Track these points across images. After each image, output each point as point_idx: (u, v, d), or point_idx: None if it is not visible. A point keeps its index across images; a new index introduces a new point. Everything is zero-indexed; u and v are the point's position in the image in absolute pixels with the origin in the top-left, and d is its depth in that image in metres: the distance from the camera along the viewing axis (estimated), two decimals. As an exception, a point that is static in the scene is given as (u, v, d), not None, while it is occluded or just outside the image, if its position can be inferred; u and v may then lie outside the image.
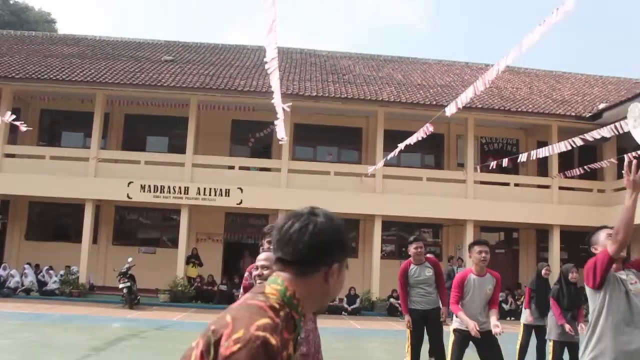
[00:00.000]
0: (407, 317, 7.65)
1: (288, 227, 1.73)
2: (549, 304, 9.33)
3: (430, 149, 23.13)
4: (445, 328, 7.50)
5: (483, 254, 6.09)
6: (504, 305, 19.65)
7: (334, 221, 1.79)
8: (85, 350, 9.30)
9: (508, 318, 18.95)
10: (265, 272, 3.48)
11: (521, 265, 23.26)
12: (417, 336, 7.71)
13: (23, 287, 19.45)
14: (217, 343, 1.57)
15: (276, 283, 1.69)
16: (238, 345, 1.52)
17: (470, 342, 6.14)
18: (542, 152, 15.47)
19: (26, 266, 20.18)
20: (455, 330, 6.29)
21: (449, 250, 22.61)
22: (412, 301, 7.76)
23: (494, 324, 5.97)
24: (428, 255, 8.35)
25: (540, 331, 9.52)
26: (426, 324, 7.72)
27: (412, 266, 7.79)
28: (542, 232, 22.63)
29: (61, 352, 8.96)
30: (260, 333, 1.53)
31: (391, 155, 15.86)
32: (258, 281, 3.61)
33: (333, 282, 1.74)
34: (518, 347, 9.44)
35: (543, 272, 9.64)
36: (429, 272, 7.76)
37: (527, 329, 9.55)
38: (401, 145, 14.82)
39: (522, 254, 23.38)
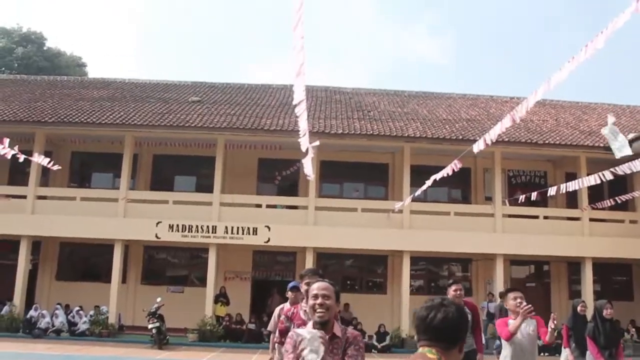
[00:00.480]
0: None
1: (432, 318, 2.49)
2: (584, 342, 9.12)
3: (457, 183, 22.99)
4: None
5: (518, 300, 6.06)
6: (538, 341, 19.17)
7: (459, 308, 2.54)
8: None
9: (542, 354, 18.54)
10: (328, 301, 3.52)
11: (553, 299, 22.80)
12: None
13: (54, 328, 19.59)
14: None
15: (432, 353, 2.46)
16: None
17: None
18: (572, 186, 15.36)
19: (57, 306, 20.37)
20: None
21: (479, 285, 22.29)
22: None
23: None
24: (466, 298, 8.14)
25: None
26: None
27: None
28: (573, 265, 22.21)
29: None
30: None
31: (419, 191, 15.88)
32: (318, 313, 3.59)
33: (462, 351, 2.56)
34: None
35: (579, 308, 9.41)
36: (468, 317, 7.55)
37: None
38: (429, 182, 14.82)
39: (554, 288, 22.94)
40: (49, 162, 15.70)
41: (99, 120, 20.48)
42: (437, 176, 13.55)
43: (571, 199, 22.17)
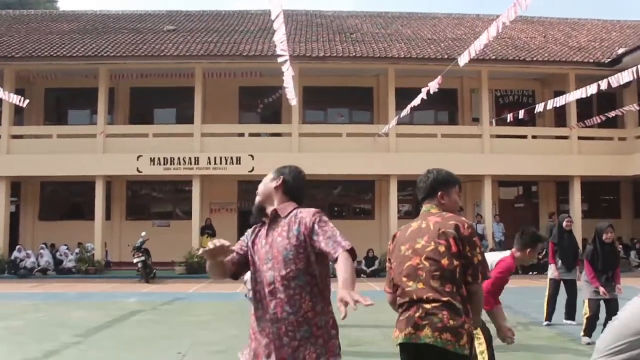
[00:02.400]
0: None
1: (425, 181, 3.46)
2: (575, 256, 8.90)
3: (443, 105, 22.55)
4: None
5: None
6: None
7: (440, 171, 3.55)
8: (97, 327, 9.05)
9: (531, 273, 18.62)
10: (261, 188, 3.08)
11: (541, 219, 22.73)
12: None
13: (40, 268, 19.37)
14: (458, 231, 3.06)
15: (433, 208, 3.35)
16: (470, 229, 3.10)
17: None
18: (560, 101, 14.86)
19: (42, 246, 20.10)
20: None
21: (468, 208, 22.13)
22: None
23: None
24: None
25: (570, 285, 9.12)
26: None
27: None
28: (562, 185, 22.08)
29: (71, 330, 8.70)
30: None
31: (404, 112, 15.38)
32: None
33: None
34: (545, 301, 9.05)
35: (565, 224, 9.23)
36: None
37: (554, 283, 9.19)
38: (414, 102, 14.35)
39: (542, 208, 22.86)
40: (20, 99, 15.04)
41: (70, 53, 19.63)
42: (423, 95, 13.08)
43: (560, 118, 21.80)
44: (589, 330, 7.68)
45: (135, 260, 17.33)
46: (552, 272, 9.18)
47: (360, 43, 21.42)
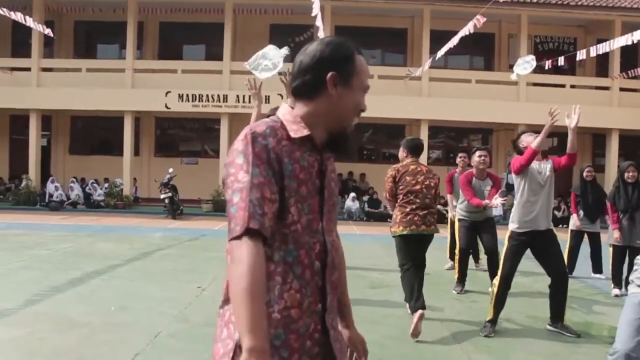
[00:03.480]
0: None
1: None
2: (598, 207, 8.58)
3: (479, 50, 21.85)
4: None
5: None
6: (556, 213, 18.90)
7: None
8: (121, 260, 9.09)
9: (560, 225, 18.26)
10: None
11: (575, 172, 22.12)
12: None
13: (70, 200, 19.61)
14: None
15: (417, 163, 5.81)
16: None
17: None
18: (604, 48, 14.16)
19: (72, 180, 20.30)
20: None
21: (499, 156, 21.68)
22: (463, 212, 7.74)
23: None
24: (489, 169, 7.66)
25: (593, 238, 8.85)
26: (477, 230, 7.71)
27: (474, 180, 7.35)
28: (599, 137, 21.42)
29: (96, 261, 8.75)
30: None
31: (440, 54, 14.80)
32: None
33: None
34: (566, 252, 8.72)
35: (585, 174, 8.90)
36: (488, 189, 7.29)
37: (576, 235, 8.91)
38: (448, 44, 13.83)
39: (578, 160, 22.18)
40: (47, 30, 14.90)
41: (98, -16, 19.30)
42: (459, 36, 12.57)
43: (601, 68, 20.99)
44: (617, 279, 7.46)
45: (162, 196, 17.39)
46: (573, 222, 8.90)
47: (396, -18, 20.65)
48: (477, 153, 7.40)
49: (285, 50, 6.26)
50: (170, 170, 17.91)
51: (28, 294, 6.39)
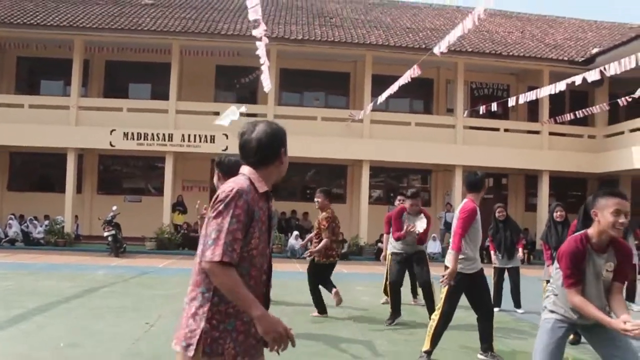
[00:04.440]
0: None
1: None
2: (512, 244, 9.17)
3: (419, 94, 22.79)
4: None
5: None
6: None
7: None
8: (64, 297, 9.09)
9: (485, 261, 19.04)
10: None
11: (510, 211, 22.86)
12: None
13: (7, 238, 19.18)
14: None
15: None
16: None
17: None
18: (532, 95, 15.17)
19: (10, 216, 19.89)
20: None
21: (438, 196, 22.50)
22: (395, 246, 8.19)
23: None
24: (423, 208, 8.31)
25: (511, 273, 9.43)
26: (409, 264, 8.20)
27: (405, 214, 8.04)
28: (531, 178, 22.53)
29: (39, 298, 8.73)
30: None
31: (381, 98, 15.49)
32: None
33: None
34: (493, 288, 8.88)
35: (497, 214, 9.44)
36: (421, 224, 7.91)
37: (497, 270, 9.47)
38: (389, 90, 14.51)
39: (511, 200, 23.28)
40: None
41: (44, 22, 19.36)
42: (399, 82, 13.23)
43: (532, 113, 22.22)
44: None
45: (105, 234, 17.27)
46: (494, 259, 9.45)
47: (339, 28, 21.49)
48: (410, 201, 8.06)
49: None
50: (114, 208, 17.84)
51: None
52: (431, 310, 7.52)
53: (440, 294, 5.83)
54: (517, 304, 9.40)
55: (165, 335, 6.61)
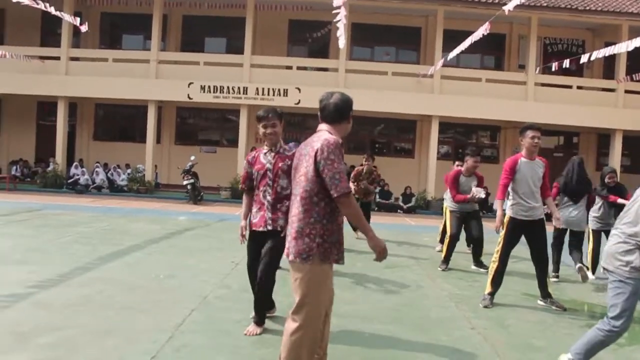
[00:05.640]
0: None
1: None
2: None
3: (490, 49, 22.58)
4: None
5: (536, 140, 6.21)
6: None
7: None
8: (157, 237, 10.00)
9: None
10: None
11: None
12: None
13: (94, 185, 20.56)
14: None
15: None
16: None
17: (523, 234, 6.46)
18: (609, 51, 14.89)
19: (97, 165, 21.25)
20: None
21: (506, 153, 22.45)
22: (453, 205, 8.77)
23: (556, 216, 6.45)
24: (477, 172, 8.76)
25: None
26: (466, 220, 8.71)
27: (462, 177, 8.59)
28: (603, 137, 22.13)
29: (134, 238, 9.68)
30: None
31: (452, 55, 15.57)
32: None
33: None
34: (590, 250, 8.51)
35: (606, 179, 8.44)
36: (474, 184, 8.51)
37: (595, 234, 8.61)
38: (461, 46, 14.58)
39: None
40: (79, 21, 15.76)
41: (127, -22, 20.17)
42: (471, 39, 13.30)
43: (608, 70, 21.67)
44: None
45: (184, 182, 18.31)
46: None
47: (412, -18, 21.39)
48: (473, 159, 8.47)
49: None
50: (192, 157, 18.83)
51: (82, 263, 7.31)
52: (477, 257, 8.52)
53: (500, 236, 6.29)
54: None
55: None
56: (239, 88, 20.29)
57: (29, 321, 4.75)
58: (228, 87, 20.28)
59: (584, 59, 15.22)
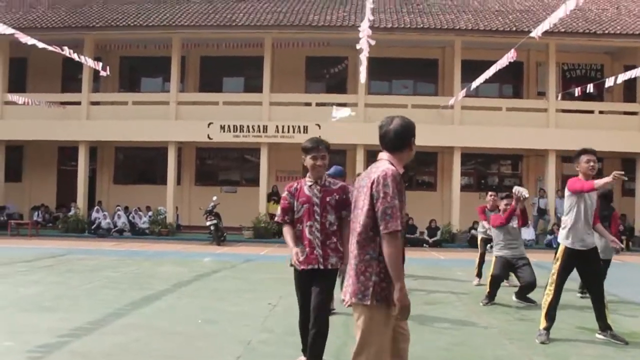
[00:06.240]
0: None
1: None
2: None
3: (508, 78, 22.40)
4: None
5: (592, 164, 5.93)
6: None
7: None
8: (184, 280, 9.79)
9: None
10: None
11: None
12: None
13: (116, 228, 20.47)
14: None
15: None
16: None
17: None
18: (631, 74, 14.75)
19: (118, 208, 21.20)
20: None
21: (529, 182, 22.11)
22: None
23: (612, 239, 6.45)
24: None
25: None
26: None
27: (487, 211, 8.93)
28: (628, 162, 21.72)
29: (163, 282, 9.46)
30: None
31: (476, 83, 15.48)
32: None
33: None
34: None
35: None
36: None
37: None
38: (485, 74, 14.58)
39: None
40: (101, 66, 15.93)
41: (146, 22, 20.40)
42: (497, 66, 13.22)
43: (629, 93, 21.42)
44: None
45: (207, 223, 18.15)
46: None
47: (427, 14, 21.44)
48: (505, 201, 8.43)
49: None
50: (215, 198, 18.74)
51: (113, 309, 7.08)
52: (522, 295, 8.10)
53: (553, 267, 6.01)
54: None
55: (290, 312, 7.10)
56: (259, 126, 20.28)
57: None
58: (248, 126, 20.28)
59: (608, 82, 15.04)
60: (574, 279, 6.19)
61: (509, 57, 12.24)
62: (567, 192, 6.01)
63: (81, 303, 7.53)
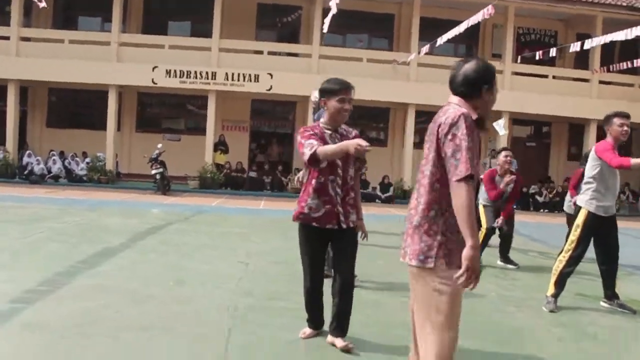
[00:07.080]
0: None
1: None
2: None
3: (463, 38, 22.01)
4: None
5: (625, 128, 5.66)
6: (538, 198, 19.64)
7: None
8: (141, 233, 9.04)
9: (542, 210, 19.07)
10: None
11: (551, 160, 22.93)
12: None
13: (51, 174, 19.19)
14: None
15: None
16: None
17: None
18: (587, 44, 14.70)
19: (53, 153, 19.88)
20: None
21: (483, 142, 22.11)
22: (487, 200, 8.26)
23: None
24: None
25: None
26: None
27: (497, 177, 8.14)
28: (575, 127, 22.08)
29: (119, 235, 8.67)
30: None
31: (438, 43, 15.03)
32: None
33: None
34: None
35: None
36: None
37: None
38: (450, 33, 14.19)
39: (554, 149, 22.95)
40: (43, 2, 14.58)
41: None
42: (469, 23, 12.83)
43: (580, 62, 21.58)
44: None
45: (153, 172, 17.25)
46: None
47: (387, -34, 20.75)
48: (504, 153, 8.09)
49: None
50: (159, 145, 17.84)
51: (65, 266, 6.24)
52: (503, 254, 8.03)
53: (573, 234, 5.60)
54: None
55: (264, 273, 6.56)
56: (207, 73, 19.24)
57: (27, 353, 3.77)
58: (196, 72, 19.23)
59: (573, 48, 14.90)
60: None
61: (486, 13, 11.83)
62: (592, 155, 5.60)
63: (25, 259, 6.65)
